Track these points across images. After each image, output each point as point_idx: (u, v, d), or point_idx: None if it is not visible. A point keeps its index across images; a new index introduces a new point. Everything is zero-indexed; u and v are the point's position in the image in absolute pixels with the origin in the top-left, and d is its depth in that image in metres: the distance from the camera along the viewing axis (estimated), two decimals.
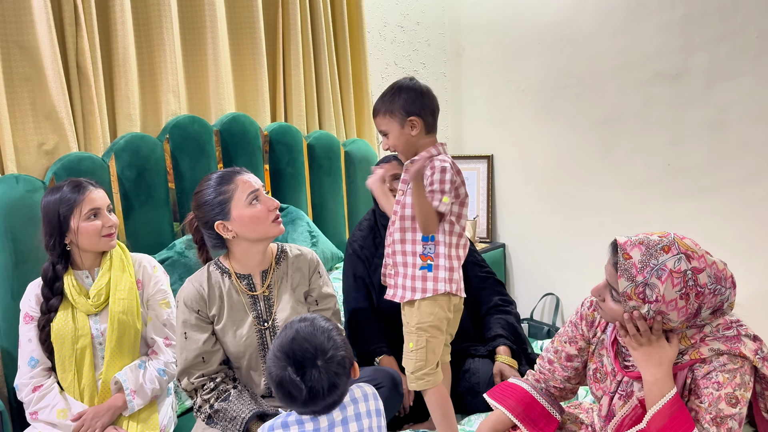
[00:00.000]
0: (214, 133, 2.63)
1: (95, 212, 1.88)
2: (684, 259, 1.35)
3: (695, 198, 2.71)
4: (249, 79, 2.79)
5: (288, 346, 1.33)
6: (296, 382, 1.29)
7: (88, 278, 1.93)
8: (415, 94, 1.79)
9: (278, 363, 1.32)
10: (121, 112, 2.44)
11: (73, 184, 1.89)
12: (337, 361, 1.32)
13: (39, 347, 1.85)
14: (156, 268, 2.04)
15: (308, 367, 1.30)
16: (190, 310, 1.81)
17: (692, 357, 1.40)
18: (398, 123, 1.79)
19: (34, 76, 2.18)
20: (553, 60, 3.14)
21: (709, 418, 1.35)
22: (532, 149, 3.33)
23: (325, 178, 3.01)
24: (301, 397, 1.30)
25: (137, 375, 1.87)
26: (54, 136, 2.25)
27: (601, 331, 1.61)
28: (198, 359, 1.78)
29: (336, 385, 1.32)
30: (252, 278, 1.86)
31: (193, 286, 1.83)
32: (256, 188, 1.81)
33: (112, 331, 1.86)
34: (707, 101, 2.61)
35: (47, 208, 1.87)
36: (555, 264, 3.34)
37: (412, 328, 1.76)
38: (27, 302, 1.90)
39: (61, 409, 1.80)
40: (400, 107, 1.78)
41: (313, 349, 1.31)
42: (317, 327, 1.35)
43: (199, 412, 1.78)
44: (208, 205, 1.78)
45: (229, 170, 1.85)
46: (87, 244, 1.89)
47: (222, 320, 1.83)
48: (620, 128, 2.92)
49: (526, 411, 1.65)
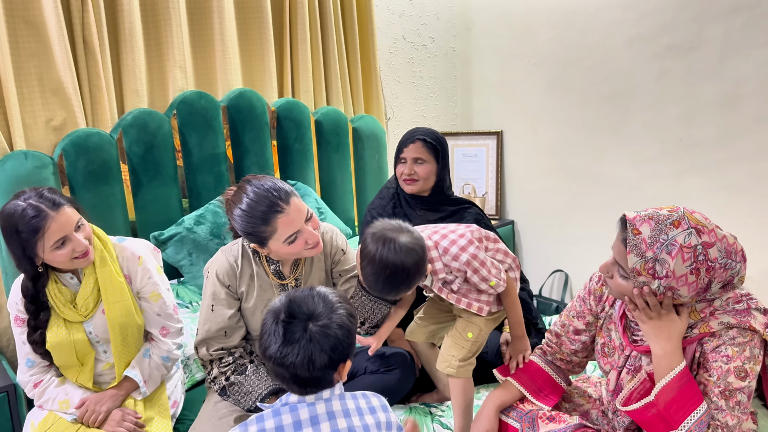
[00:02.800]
0: (222, 109, 2.62)
1: (62, 240, 1.66)
2: (694, 234, 1.34)
3: (707, 173, 2.67)
4: (256, 54, 2.77)
5: (295, 295, 1.25)
6: (274, 330, 1.20)
7: (73, 279, 1.80)
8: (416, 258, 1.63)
9: (278, 306, 1.24)
10: (128, 87, 2.43)
11: (33, 208, 1.62)
12: (327, 334, 1.20)
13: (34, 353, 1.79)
14: (141, 258, 1.86)
15: (297, 321, 1.20)
16: (221, 284, 1.79)
17: (702, 331, 1.39)
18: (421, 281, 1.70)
19: (41, 51, 2.17)
20: (564, 33, 3.09)
21: (717, 392, 1.34)
22: (542, 125, 3.30)
23: (333, 154, 3.00)
24: (271, 349, 1.20)
25: (145, 365, 1.86)
26: (62, 112, 2.25)
27: (609, 305, 1.60)
28: (220, 333, 1.79)
29: (312, 359, 1.18)
30: (281, 265, 1.84)
31: (227, 260, 1.81)
32: (298, 230, 1.68)
33: (115, 336, 1.78)
34: (721, 74, 2.56)
35: (7, 234, 1.65)
36: (564, 241, 3.32)
37: (480, 321, 1.76)
38: (14, 304, 1.78)
39: (62, 400, 1.78)
40: (413, 283, 1.68)
41: (312, 308, 1.22)
42: (331, 299, 1.26)
43: (213, 383, 1.79)
44: (245, 233, 1.71)
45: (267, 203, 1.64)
46: (61, 266, 1.73)
47: (252, 299, 1.82)
48: (632, 102, 2.88)
49: (531, 379, 1.66)
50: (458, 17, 3.62)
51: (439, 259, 1.68)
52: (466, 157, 3.57)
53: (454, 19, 3.62)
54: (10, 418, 1.88)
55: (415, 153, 2.17)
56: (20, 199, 1.65)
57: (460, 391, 1.75)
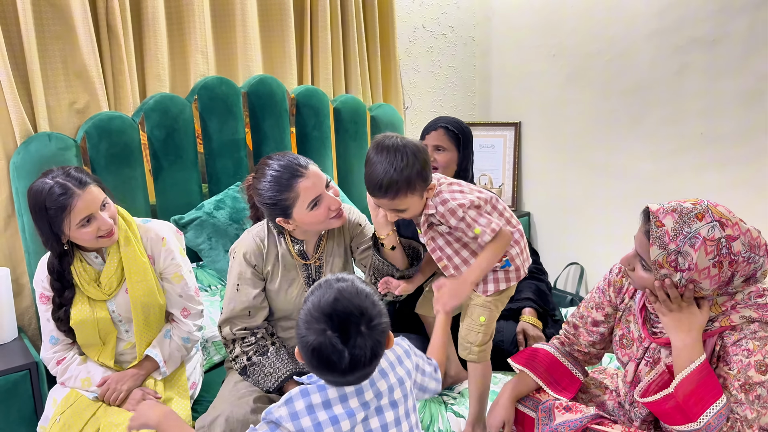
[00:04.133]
0: (242, 95, 2.63)
1: (88, 218, 1.70)
2: (718, 227, 1.33)
3: (727, 168, 2.65)
4: (276, 41, 2.78)
5: (329, 307, 1.15)
6: (338, 349, 1.12)
7: (98, 258, 1.83)
8: (425, 155, 1.62)
9: (316, 326, 1.15)
10: (150, 72, 2.45)
11: (60, 186, 1.66)
12: (381, 329, 1.18)
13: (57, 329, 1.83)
14: (165, 240, 1.89)
15: (353, 332, 1.14)
16: (248, 264, 1.82)
17: (722, 324, 1.39)
18: (419, 195, 1.63)
19: (65, 34, 2.19)
20: (585, 24, 3.07)
21: (737, 385, 1.34)
22: (561, 117, 3.28)
23: (350, 142, 3.00)
24: (341, 366, 1.14)
25: (165, 345, 1.88)
26: (85, 95, 2.27)
27: (629, 297, 1.60)
28: (245, 312, 1.82)
29: (377, 354, 1.18)
30: (305, 244, 1.86)
31: (254, 241, 1.84)
32: (319, 194, 1.72)
33: (137, 315, 1.82)
34: (744, 69, 2.54)
35: (35, 211, 1.69)
36: (580, 233, 3.31)
37: (487, 302, 1.72)
38: (40, 282, 1.82)
39: (84, 378, 1.82)
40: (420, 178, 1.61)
41: (358, 313, 1.15)
42: (359, 289, 1.19)
43: (235, 362, 1.82)
44: (268, 206, 1.74)
45: (289, 170, 1.70)
46: (86, 245, 1.77)
47: (276, 279, 1.85)
48: (652, 96, 2.85)
49: (549, 371, 1.66)
50: (478, 6, 3.60)
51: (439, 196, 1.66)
52: (483, 148, 3.56)
53: (475, 9, 3.60)
54: (32, 395, 1.91)
55: (436, 140, 2.18)
56: (48, 177, 1.69)
57: (479, 376, 1.76)
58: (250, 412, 1.64)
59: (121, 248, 1.81)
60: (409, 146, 1.60)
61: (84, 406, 1.76)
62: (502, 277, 1.72)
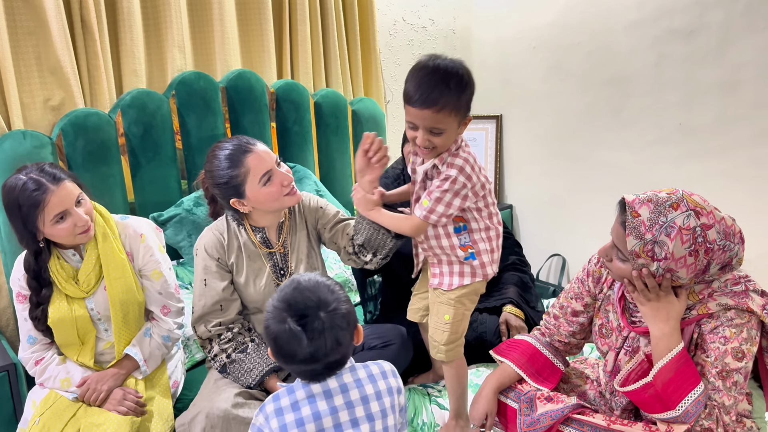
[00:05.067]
0: (221, 90, 2.61)
1: (62, 215, 1.68)
2: (693, 216, 1.34)
3: (705, 158, 2.68)
4: (255, 35, 2.76)
5: (290, 296, 1.23)
6: (296, 333, 1.19)
7: (75, 256, 1.80)
8: (473, 87, 1.56)
9: (277, 314, 1.22)
10: (126, 67, 2.42)
11: (33, 182, 1.64)
12: (341, 314, 1.23)
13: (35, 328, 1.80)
14: (143, 236, 1.87)
15: (310, 317, 1.20)
16: (210, 257, 1.83)
17: (700, 312, 1.41)
18: (458, 122, 1.54)
19: (39, 30, 2.16)
20: (565, 16, 3.08)
21: (715, 372, 1.36)
22: (542, 109, 3.29)
23: (332, 137, 2.99)
24: (301, 352, 1.20)
25: (145, 344, 1.87)
26: (60, 91, 2.24)
27: (607, 287, 1.61)
28: (216, 306, 1.81)
29: (339, 341, 1.22)
30: (266, 232, 1.87)
31: (213, 234, 1.85)
32: (269, 169, 1.74)
33: (116, 313, 1.80)
34: (721, 59, 2.56)
35: (8, 208, 1.67)
36: (562, 225, 3.33)
37: (451, 300, 1.71)
38: (17, 281, 1.79)
39: (63, 378, 1.79)
40: (465, 104, 1.54)
41: (315, 298, 1.22)
42: (320, 282, 1.26)
43: (214, 361, 1.81)
44: (221, 186, 1.75)
45: (238, 147, 1.74)
46: (62, 242, 1.75)
47: (242, 271, 1.84)
48: (631, 87, 2.87)
49: (530, 362, 1.67)
50: None
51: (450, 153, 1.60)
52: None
53: (455, 1, 3.60)
54: (11, 396, 1.89)
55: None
56: (22, 174, 1.67)
57: (453, 376, 1.76)
58: (230, 407, 1.62)
59: (99, 244, 1.78)
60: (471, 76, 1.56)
61: (63, 407, 1.74)
62: (467, 271, 1.70)
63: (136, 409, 1.75)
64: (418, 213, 1.61)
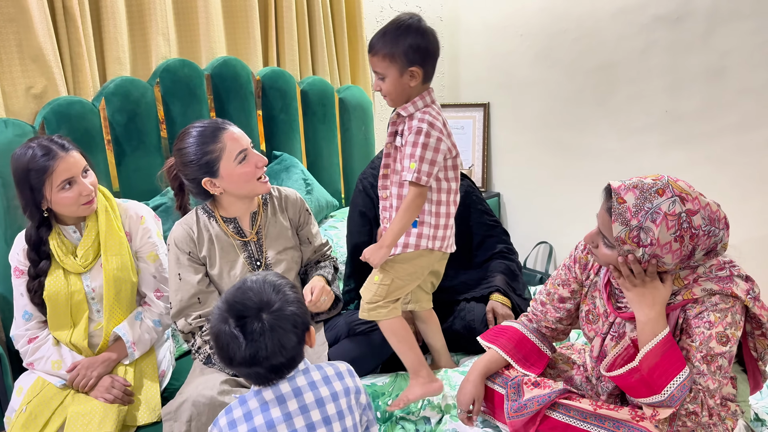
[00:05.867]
0: (206, 78, 2.58)
1: (69, 181, 1.74)
2: (678, 202, 1.35)
3: (691, 145, 2.69)
4: (240, 21, 2.72)
5: (231, 296, 1.21)
6: (234, 335, 1.15)
7: (76, 233, 1.86)
8: (422, 40, 1.62)
9: (220, 315, 1.19)
10: (110, 55, 2.38)
11: (42, 148, 1.72)
12: (285, 316, 1.18)
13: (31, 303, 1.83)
14: (143, 218, 1.94)
15: (250, 318, 1.16)
16: (182, 252, 1.83)
17: (685, 297, 1.42)
18: (398, 70, 1.64)
19: (19, 16, 2.11)
20: (552, 3, 3.07)
21: (699, 356, 1.37)
22: (529, 96, 3.29)
23: (319, 125, 2.97)
24: (239, 354, 1.16)
25: (135, 327, 1.87)
26: (42, 79, 2.20)
27: (594, 273, 1.62)
28: (194, 300, 1.81)
29: (282, 344, 1.17)
30: (239, 221, 1.87)
31: (182, 228, 1.85)
32: (245, 148, 1.77)
33: (108, 289, 1.82)
34: (707, 46, 2.57)
35: (17, 174, 1.74)
36: (549, 213, 3.34)
37: (386, 265, 1.73)
38: (15, 256, 1.84)
39: (55, 360, 1.80)
40: (402, 53, 1.62)
41: (257, 300, 1.18)
42: (267, 281, 1.23)
43: (198, 353, 1.81)
44: (194, 164, 1.75)
45: (212, 125, 1.77)
46: (65, 212, 1.80)
47: (216, 263, 1.85)
48: (618, 74, 2.88)
49: (517, 348, 1.68)
50: None
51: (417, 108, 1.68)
52: (453, 129, 3.51)
53: None
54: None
55: None
56: (31, 143, 1.75)
57: (389, 335, 1.78)
58: (216, 393, 1.62)
59: (100, 219, 1.83)
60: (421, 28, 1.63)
61: (51, 395, 1.74)
62: (402, 241, 1.71)
63: (123, 397, 1.75)
64: (409, 177, 1.62)
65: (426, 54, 1.64)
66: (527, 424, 1.53)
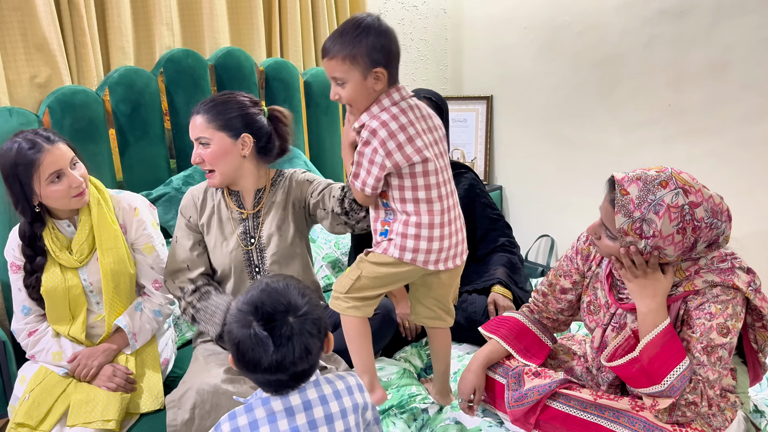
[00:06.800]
0: (209, 68, 2.58)
1: (58, 174, 1.71)
2: (681, 194, 1.35)
3: (694, 139, 2.69)
4: (243, 12, 2.73)
5: (257, 298, 1.12)
6: (262, 339, 1.08)
7: (70, 227, 1.83)
8: (385, 40, 1.50)
9: (242, 318, 1.11)
10: (114, 45, 2.39)
11: (28, 142, 1.68)
12: (312, 320, 1.12)
13: (29, 298, 1.82)
14: (137, 210, 1.90)
15: (278, 321, 1.09)
16: (183, 216, 1.91)
17: (686, 289, 1.42)
18: (360, 72, 1.49)
19: (24, 5, 2.12)
20: None
21: (700, 347, 1.38)
22: (533, 90, 3.29)
23: (322, 116, 2.98)
24: (266, 359, 1.08)
25: (136, 317, 1.87)
26: (46, 68, 2.21)
27: (596, 264, 1.62)
28: (183, 265, 1.86)
29: (309, 349, 1.11)
30: (241, 195, 1.89)
31: (190, 195, 1.93)
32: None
33: (107, 283, 1.81)
34: (711, 40, 2.56)
35: (5, 170, 1.70)
36: (551, 206, 3.35)
37: (360, 261, 1.64)
38: (11, 251, 1.82)
39: (56, 352, 1.80)
40: (365, 53, 1.48)
41: (285, 302, 1.12)
42: (290, 284, 1.16)
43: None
44: None
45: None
46: (57, 205, 1.77)
47: (212, 232, 1.89)
48: (622, 68, 2.87)
49: (518, 338, 1.69)
50: None
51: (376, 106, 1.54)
52: (455, 122, 3.56)
53: None
54: (0, 376, 1.89)
55: None
56: (17, 137, 1.72)
57: (345, 329, 1.66)
58: (220, 382, 1.63)
59: (93, 213, 1.81)
60: (383, 27, 1.51)
61: (54, 383, 1.74)
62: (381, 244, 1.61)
63: (125, 385, 1.76)
64: (355, 185, 1.57)
65: (389, 54, 1.51)
66: (528, 413, 1.54)
